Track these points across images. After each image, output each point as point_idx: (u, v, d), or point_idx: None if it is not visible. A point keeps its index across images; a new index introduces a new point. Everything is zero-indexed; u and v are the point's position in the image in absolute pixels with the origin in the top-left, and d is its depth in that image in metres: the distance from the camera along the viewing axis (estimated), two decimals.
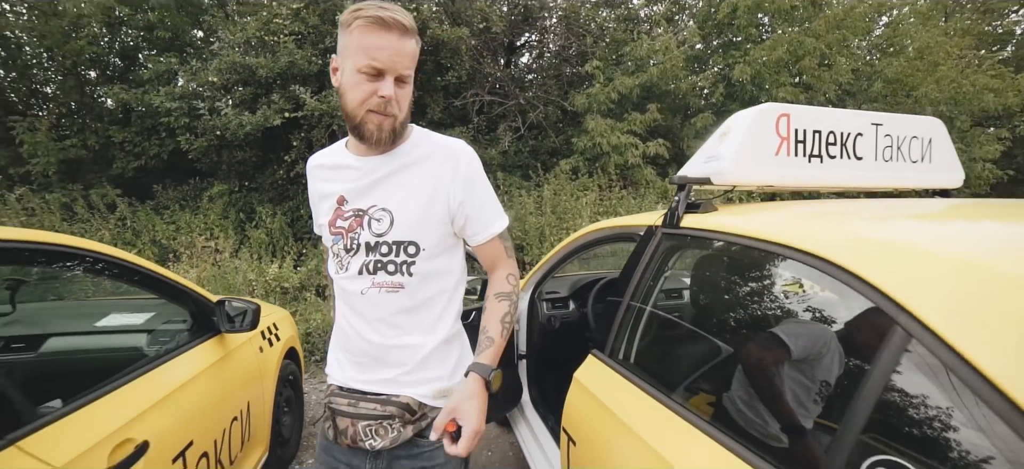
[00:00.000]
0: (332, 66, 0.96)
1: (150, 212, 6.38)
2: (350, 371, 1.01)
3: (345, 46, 0.90)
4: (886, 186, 1.51)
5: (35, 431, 0.97)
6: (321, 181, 1.04)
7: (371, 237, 0.95)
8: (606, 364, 1.39)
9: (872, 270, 0.71)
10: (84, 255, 1.32)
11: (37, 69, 6.51)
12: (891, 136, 1.50)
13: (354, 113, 0.90)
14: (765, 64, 7.96)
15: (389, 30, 0.86)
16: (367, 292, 0.96)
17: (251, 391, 2.00)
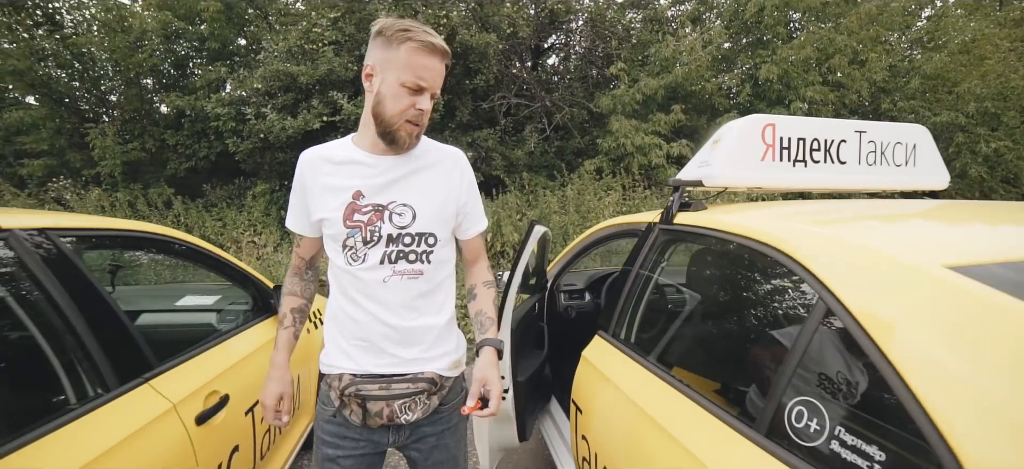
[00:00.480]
0: (366, 72, 1.04)
1: (200, 209, 6.89)
2: (368, 358, 1.06)
3: (389, 59, 0.99)
4: (870, 188, 1.64)
5: (157, 376, 1.26)
6: (326, 175, 1.06)
7: (393, 229, 1.04)
8: (610, 342, 1.59)
9: (799, 252, 0.90)
10: (174, 242, 1.61)
11: (105, 80, 7.12)
12: (875, 142, 1.64)
13: (392, 121, 1.01)
14: (793, 63, 7.90)
15: (434, 54, 1.00)
16: (389, 280, 1.04)
17: (300, 366, 2.28)
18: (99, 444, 1.02)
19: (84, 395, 1.08)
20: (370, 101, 1.04)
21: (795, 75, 7.88)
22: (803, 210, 1.22)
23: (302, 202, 1.11)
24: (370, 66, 1.03)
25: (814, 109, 7.88)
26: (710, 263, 1.51)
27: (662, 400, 1.19)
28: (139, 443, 1.12)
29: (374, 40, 1.03)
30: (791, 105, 7.70)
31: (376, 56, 1.02)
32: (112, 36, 6.59)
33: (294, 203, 1.13)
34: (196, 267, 2.13)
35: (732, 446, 0.92)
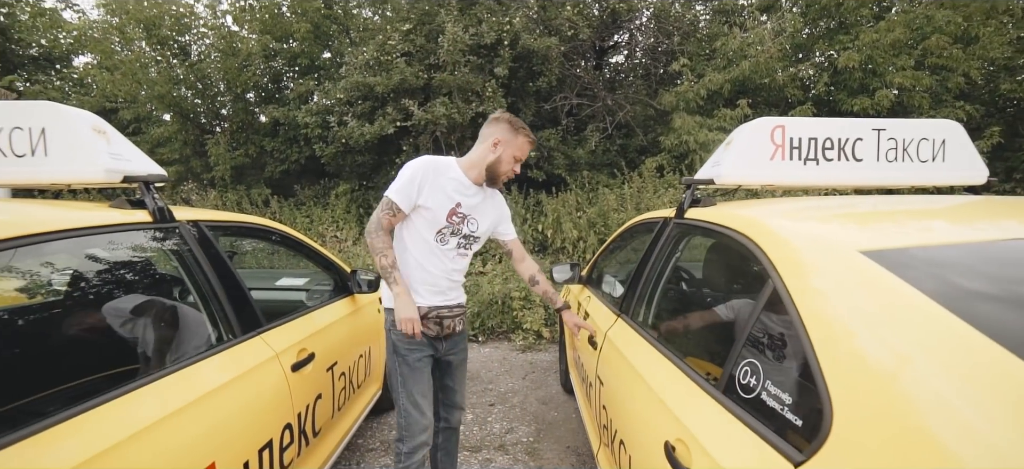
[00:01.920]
0: (494, 140, 1.69)
1: (292, 207, 7.77)
2: (435, 298, 1.74)
3: (510, 139, 1.69)
4: (889, 184, 1.70)
5: (266, 332, 1.66)
6: (443, 182, 1.67)
7: (466, 231, 1.75)
8: (629, 324, 1.79)
9: (761, 241, 1.06)
10: (284, 234, 2.04)
11: (219, 97, 8.26)
12: (895, 139, 1.69)
13: (503, 173, 1.72)
14: (878, 47, 7.30)
15: (531, 145, 1.76)
16: (455, 257, 1.76)
17: (372, 340, 2.68)
18: (230, 373, 1.42)
19: (221, 339, 1.49)
20: (489, 158, 1.70)
21: (882, 60, 7.29)
22: (787, 205, 1.35)
23: (416, 189, 1.63)
24: (497, 138, 1.69)
25: (905, 96, 7.25)
26: (711, 252, 1.66)
27: (662, 374, 1.38)
28: (254, 377, 1.51)
29: (499, 122, 1.71)
30: (876, 94, 7.15)
31: (502, 134, 1.70)
32: (225, 59, 7.64)
33: (408, 189, 1.63)
34: (289, 255, 2.60)
35: (707, 408, 1.11)
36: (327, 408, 2.01)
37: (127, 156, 1.48)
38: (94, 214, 1.28)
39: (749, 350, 1.02)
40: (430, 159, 1.68)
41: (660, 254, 1.73)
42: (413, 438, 1.68)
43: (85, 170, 1.37)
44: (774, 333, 0.98)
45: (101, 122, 1.45)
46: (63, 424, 0.98)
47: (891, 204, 1.30)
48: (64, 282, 1.43)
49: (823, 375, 0.77)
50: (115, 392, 1.11)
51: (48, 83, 9.40)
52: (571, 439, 2.85)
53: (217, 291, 1.49)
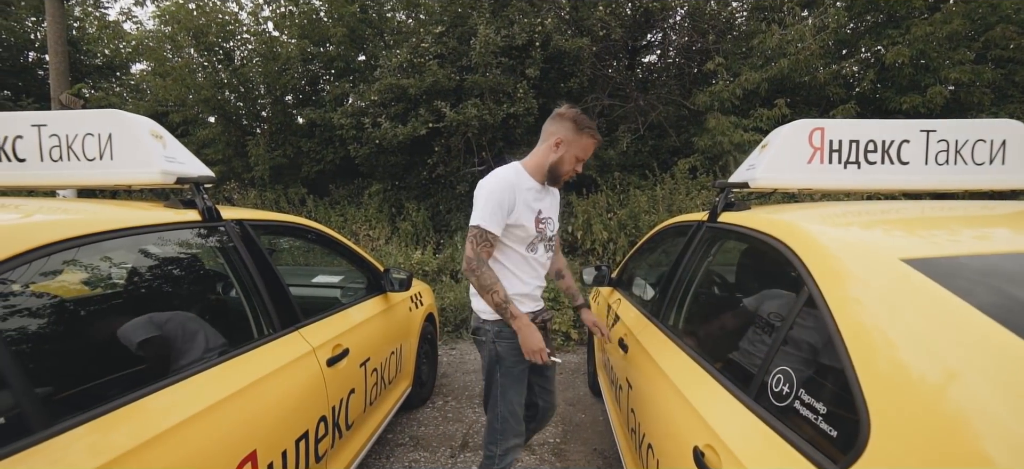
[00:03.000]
0: (556, 139, 1.66)
1: (327, 206, 8.01)
2: (534, 306, 1.78)
3: (573, 139, 1.65)
4: (937, 188, 1.62)
5: (303, 327, 1.74)
6: (528, 196, 1.67)
7: (548, 232, 1.77)
8: (659, 328, 1.77)
9: (797, 247, 1.04)
10: (321, 233, 2.12)
11: (260, 99, 8.61)
12: (946, 141, 1.61)
13: (565, 172, 1.70)
14: (932, 41, 6.91)
15: (596, 142, 1.72)
16: (545, 261, 1.80)
17: (403, 337, 2.75)
18: (271, 366, 1.49)
19: (262, 333, 1.57)
20: (551, 158, 1.68)
21: (936, 54, 6.89)
22: (832, 211, 1.31)
23: (506, 212, 1.62)
24: (560, 137, 1.66)
25: (963, 92, 6.84)
26: (744, 257, 1.62)
27: (692, 379, 1.36)
28: (292, 370, 1.58)
29: (564, 120, 1.67)
30: (928, 91, 6.77)
31: (565, 133, 1.66)
32: (266, 64, 7.95)
33: (498, 214, 1.60)
34: (323, 253, 2.68)
35: (737, 415, 1.09)
36: (360, 402, 2.07)
37: (180, 158, 1.57)
38: (152, 213, 1.37)
39: (783, 357, 1.00)
40: (504, 176, 1.63)
41: (692, 258, 1.71)
42: (507, 441, 1.73)
43: (144, 172, 1.47)
44: (809, 341, 0.96)
45: (158, 127, 1.56)
46: (127, 406, 1.06)
47: (939, 210, 1.25)
48: (127, 275, 1.54)
49: (860, 386, 0.75)
50: (170, 380, 1.19)
51: (109, 90, 10.03)
52: (598, 441, 2.84)
53: (259, 287, 1.56)
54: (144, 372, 1.29)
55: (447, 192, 7.66)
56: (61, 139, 1.51)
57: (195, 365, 1.30)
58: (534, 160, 1.71)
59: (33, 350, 1.11)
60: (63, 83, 7.46)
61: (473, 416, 3.16)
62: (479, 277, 1.58)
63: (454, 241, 6.69)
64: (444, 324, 4.99)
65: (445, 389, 3.60)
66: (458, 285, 5.52)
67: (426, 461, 2.62)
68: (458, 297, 5.18)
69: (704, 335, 1.53)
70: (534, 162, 1.71)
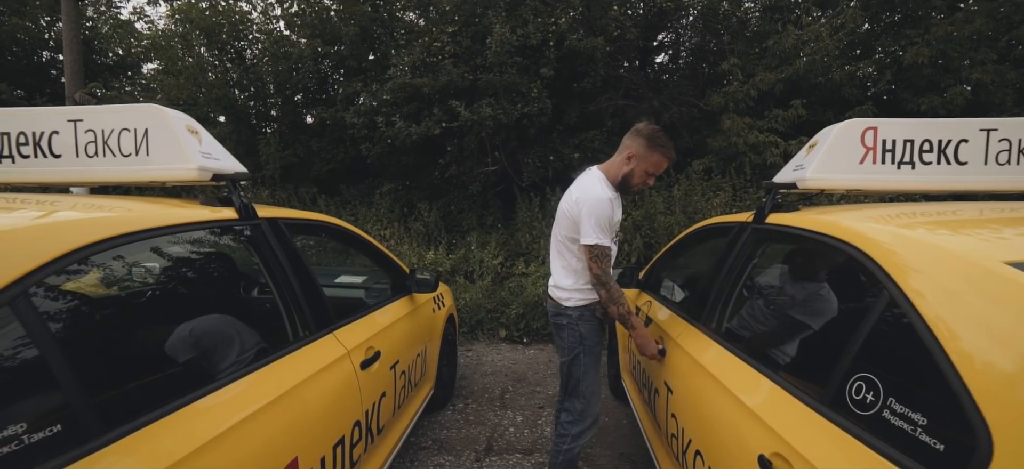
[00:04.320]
0: (628, 153, 1.81)
1: (338, 206, 7.99)
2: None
3: (645, 155, 1.78)
4: (996, 189, 1.56)
5: (336, 330, 1.70)
6: (619, 208, 1.88)
7: (618, 232, 1.92)
8: (702, 331, 1.72)
9: (873, 251, 0.99)
10: (349, 231, 2.09)
11: (269, 98, 8.61)
12: (1008, 140, 1.55)
13: (637, 184, 1.83)
14: (953, 41, 6.79)
15: (669, 161, 1.84)
16: (615, 253, 1.91)
17: (427, 339, 2.71)
18: (308, 370, 1.45)
19: (297, 335, 1.53)
20: (624, 170, 1.82)
21: (956, 55, 6.78)
22: (891, 212, 1.26)
23: (612, 227, 1.80)
24: (632, 152, 1.81)
25: (983, 93, 6.74)
26: (798, 259, 1.57)
27: (749, 384, 1.32)
28: (329, 374, 1.54)
29: (639, 136, 1.81)
30: (948, 92, 6.67)
31: (638, 149, 1.79)
32: (276, 63, 7.94)
33: (609, 230, 1.77)
34: (342, 251, 2.64)
35: (809, 422, 1.04)
36: (390, 406, 2.03)
37: (215, 154, 1.53)
38: (189, 211, 1.34)
39: (862, 364, 0.95)
40: (604, 194, 1.76)
41: (737, 260, 1.66)
42: (585, 421, 1.92)
43: (181, 168, 1.43)
44: (896, 348, 0.91)
45: (194, 123, 1.52)
46: (174, 414, 1.02)
47: (1016, 211, 1.19)
48: (165, 274, 1.51)
49: (973, 398, 0.71)
50: (213, 386, 1.16)
51: (120, 89, 10.06)
52: (624, 445, 2.79)
53: (295, 287, 1.53)
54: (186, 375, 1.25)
55: (459, 192, 7.62)
56: (97, 134, 1.48)
57: (235, 369, 1.27)
58: (611, 171, 1.86)
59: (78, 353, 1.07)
60: (78, 82, 7.49)
61: (495, 419, 3.12)
62: (610, 291, 1.77)
63: (466, 241, 6.65)
64: (460, 325, 4.95)
65: (464, 391, 3.56)
66: (472, 286, 5.49)
67: (451, 465, 2.58)
68: (473, 298, 5.15)
69: (758, 339, 1.48)
70: (611, 173, 1.85)
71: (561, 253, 1.94)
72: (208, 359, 1.29)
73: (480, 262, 5.89)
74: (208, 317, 1.39)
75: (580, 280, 1.89)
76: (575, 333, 1.90)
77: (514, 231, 6.90)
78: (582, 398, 1.91)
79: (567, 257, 1.91)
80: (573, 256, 1.88)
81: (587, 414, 1.93)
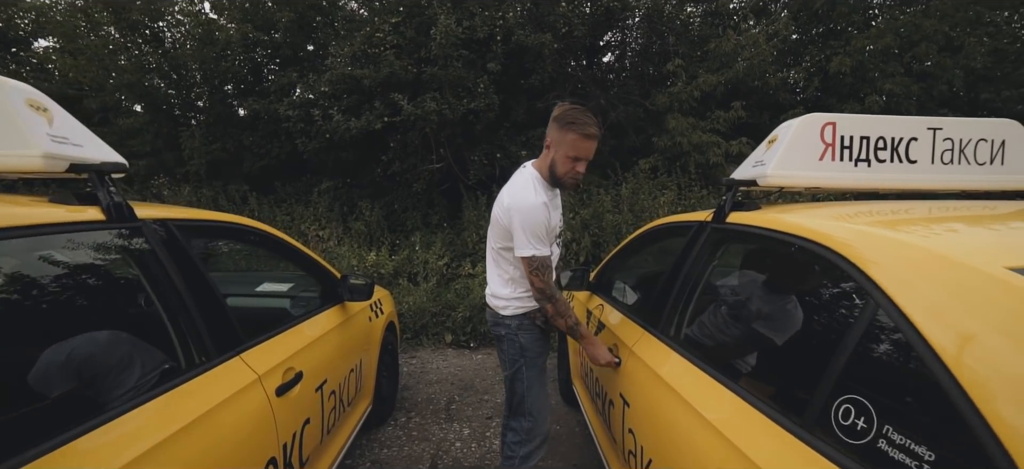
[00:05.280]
0: (546, 142, 1.64)
1: (272, 204, 7.41)
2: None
3: (562, 139, 1.57)
4: (943, 188, 1.56)
5: (245, 351, 1.43)
6: (554, 210, 1.70)
7: (559, 230, 1.77)
8: (660, 340, 1.61)
9: (857, 255, 0.89)
10: (266, 234, 1.80)
11: (195, 88, 7.86)
12: (951, 140, 1.55)
13: (561, 178, 1.63)
14: (870, 54, 7.35)
15: (591, 140, 1.58)
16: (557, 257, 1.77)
17: (363, 351, 2.45)
18: (203, 405, 1.19)
19: (192, 362, 1.26)
20: (548, 162, 1.64)
21: (872, 66, 7.34)
22: (861, 211, 1.19)
23: (549, 234, 1.64)
24: (549, 139, 1.63)
25: (894, 103, 7.31)
26: (763, 263, 1.49)
27: (714, 398, 1.20)
28: (232, 407, 1.28)
29: (552, 120, 1.61)
30: (866, 99, 7.18)
31: (553, 134, 1.61)
32: (202, 48, 7.25)
33: (544, 237, 1.61)
34: (269, 257, 2.34)
35: (780, 443, 0.93)
36: (316, 433, 1.78)
37: (75, 139, 1.20)
38: (22, 210, 1.03)
39: (848, 384, 0.84)
40: (536, 200, 1.60)
41: (696, 262, 1.56)
42: (539, 435, 1.78)
43: (18, 155, 1.09)
44: (888, 368, 0.81)
45: (41, 97, 1.18)
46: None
47: (978, 209, 1.15)
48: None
49: (994, 433, 0.60)
50: (70, 435, 0.88)
51: (2, 68, 8.80)
52: (577, 455, 2.67)
53: (189, 305, 1.25)
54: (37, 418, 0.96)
55: (403, 190, 7.28)
56: None
57: (102, 412, 0.99)
58: (542, 167, 1.69)
59: None
60: None
61: (440, 434, 2.91)
62: (556, 304, 1.64)
63: (411, 242, 6.35)
64: (403, 331, 4.67)
65: (407, 404, 3.32)
66: (416, 289, 5.22)
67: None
68: (417, 301, 4.89)
69: (721, 350, 1.37)
70: (543, 169, 1.69)
71: (497, 262, 1.78)
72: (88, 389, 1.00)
73: (424, 263, 5.63)
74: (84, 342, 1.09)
75: (518, 288, 1.74)
76: (515, 344, 1.76)
77: (460, 231, 6.68)
78: (529, 416, 1.75)
79: (503, 266, 1.76)
80: (509, 265, 1.74)
81: (536, 433, 1.77)
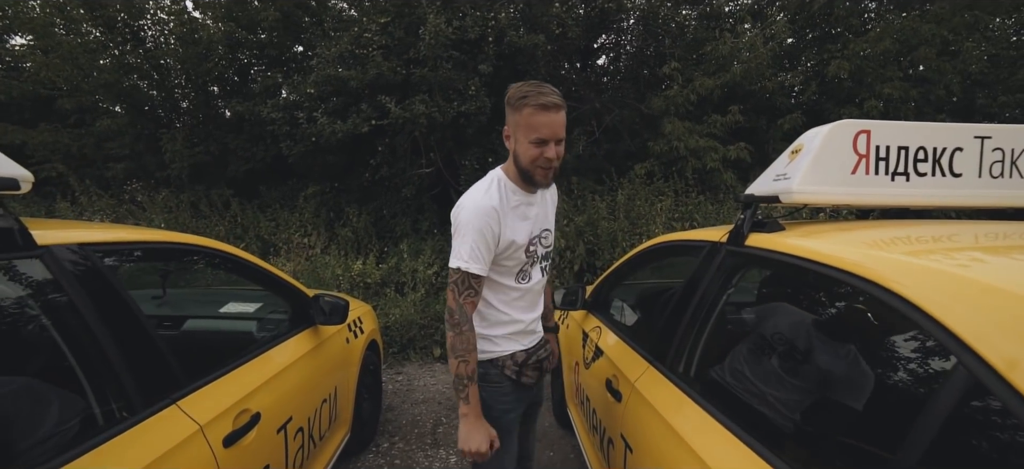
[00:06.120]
0: (505, 133, 1.33)
1: (255, 210, 7.15)
2: (530, 341, 1.44)
3: (516, 122, 1.26)
4: (992, 204, 1.38)
5: (187, 395, 1.21)
6: (518, 220, 1.32)
7: (542, 249, 1.42)
8: (666, 377, 1.41)
9: (928, 303, 0.70)
10: (217, 253, 1.58)
11: (178, 89, 7.59)
12: (1002, 150, 1.37)
13: (527, 168, 1.27)
14: (867, 57, 7.26)
15: (548, 110, 1.21)
16: (541, 286, 1.45)
17: (338, 377, 2.24)
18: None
19: (111, 418, 1.04)
20: (511, 156, 1.32)
21: (870, 71, 7.24)
22: (911, 235, 1.00)
23: (492, 248, 1.28)
24: (506, 128, 1.33)
25: (892, 107, 7.22)
26: (794, 297, 1.29)
27: (732, 457, 1.01)
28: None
29: (506, 104, 1.30)
30: (864, 104, 7.08)
31: (509, 120, 1.30)
32: (185, 48, 7.00)
33: (481, 252, 1.25)
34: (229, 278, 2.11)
35: None
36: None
37: None
38: None
39: (918, 458, 0.65)
40: (483, 200, 1.27)
41: (709, 289, 1.37)
42: None
43: None
44: (970, 440, 0.61)
45: None
46: None
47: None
48: None
49: None
50: None
51: None
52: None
53: (105, 348, 1.03)
54: None
55: (391, 195, 7.05)
56: None
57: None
58: (507, 167, 1.37)
59: None
60: None
61: (425, 462, 2.69)
62: (454, 338, 1.26)
63: (399, 249, 6.13)
64: (389, 345, 4.45)
65: (391, 426, 3.10)
66: (404, 300, 5.00)
67: None
68: (404, 313, 4.67)
69: (745, 398, 1.17)
70: (508, 169, 1.36)
71: None
72: None
73: (413, 272, 5.41)
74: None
75: (482, 324, 1.36)
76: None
77: (450, 237, 6.46)
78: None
79: None
80: None
81: None
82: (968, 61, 7.39)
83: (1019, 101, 7.42)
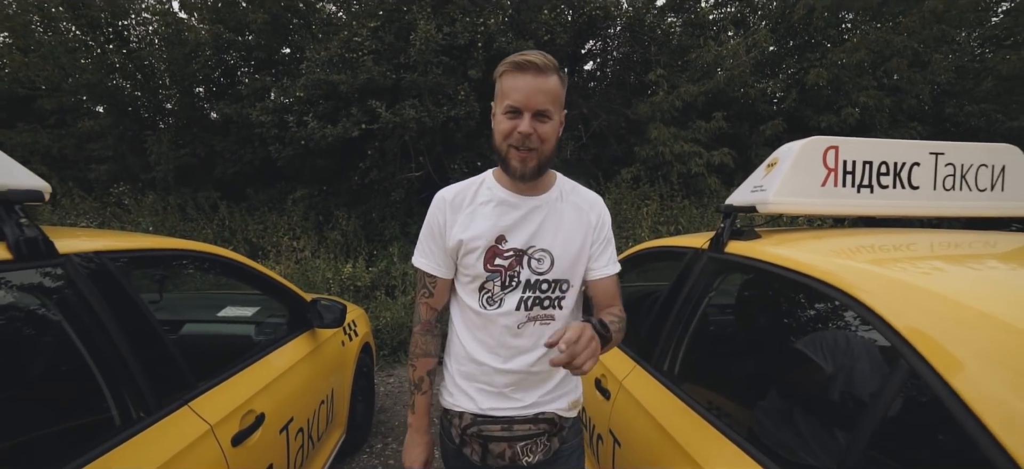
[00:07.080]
0: (492, 114, 1.04)
1: (244, 213, 7.12)
2: (490, 401, 1.05)
3: (497, 93, 1.00)
4: (945, 214, 1.50)
5: (195, 397, 1.27)
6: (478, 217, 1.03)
7: (531, 275, 1.02)
8: (652, 374, 1.51)
9: (886, 310, 0.80)
10: (227, 261, 1.63)
11: (163, 90, 7.52)
12: (953, 165, 1.49)
13: (499, 147, 0.99)
14: (844, 67, 7.51)
15: (524, 71, 0.94)
16: (524, 325, 1.03)
17: (335, 379, 2.29)
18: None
19: (128, 418, 1.09)
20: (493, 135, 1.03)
21: (847, 79, 7.49)
22: (871, 244, 1.11)
23: (440, 244, 1.05)
24: (492, 109, 1.03)
25: (867, 115, 7.48)
26: (767, 300, 1.40)
27: (712, 447, 1.10)
28: (178, 467, 1.12)
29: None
30: (842, 112, 7.32)
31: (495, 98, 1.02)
32: (170, 48, 6.95)
33: (429, 245, 1.07)
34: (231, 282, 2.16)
35: None
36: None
37: None
38: None
39: (878, 451, 0.74)
40: (450, 189, 1.08)
41: (692, 293, 1.46)
42: None
43: None
44: (929, 439, 0.71)
45: None
46: None
47: (990, 243, 1.08)
48: None
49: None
50: None
51: None
52: None
53: (123, 351, 1.08)
54: None
55: (381, 199, 7.08)
56: None
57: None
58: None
59: None
60: None
61: None
62: (412, 336, 1.13)
63: (389, 252, 6.17)
64: (380, 347, 4.50)
65: (383, 427, 3.15)
66: (394, 302, 5.05)
67: None
68: (395, 316, 4.71)
69: (724, 395, 1.27)
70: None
71: None
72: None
73: (403, 275, 5.45)
74: None
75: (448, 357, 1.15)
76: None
77: None
78: None
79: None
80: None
81: None
82: (937, 72, 7.69)
83: (984, 111, 7.74)
